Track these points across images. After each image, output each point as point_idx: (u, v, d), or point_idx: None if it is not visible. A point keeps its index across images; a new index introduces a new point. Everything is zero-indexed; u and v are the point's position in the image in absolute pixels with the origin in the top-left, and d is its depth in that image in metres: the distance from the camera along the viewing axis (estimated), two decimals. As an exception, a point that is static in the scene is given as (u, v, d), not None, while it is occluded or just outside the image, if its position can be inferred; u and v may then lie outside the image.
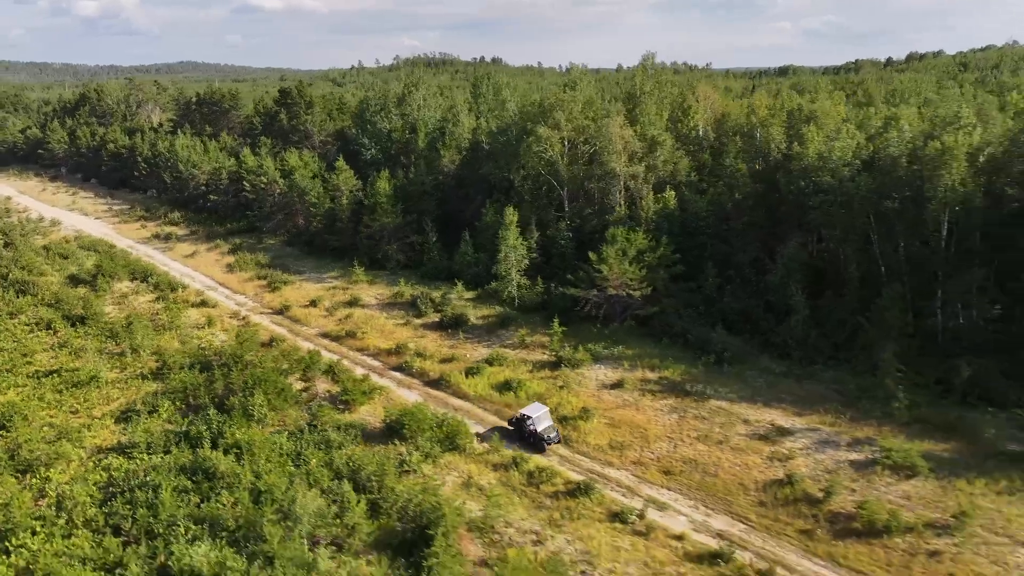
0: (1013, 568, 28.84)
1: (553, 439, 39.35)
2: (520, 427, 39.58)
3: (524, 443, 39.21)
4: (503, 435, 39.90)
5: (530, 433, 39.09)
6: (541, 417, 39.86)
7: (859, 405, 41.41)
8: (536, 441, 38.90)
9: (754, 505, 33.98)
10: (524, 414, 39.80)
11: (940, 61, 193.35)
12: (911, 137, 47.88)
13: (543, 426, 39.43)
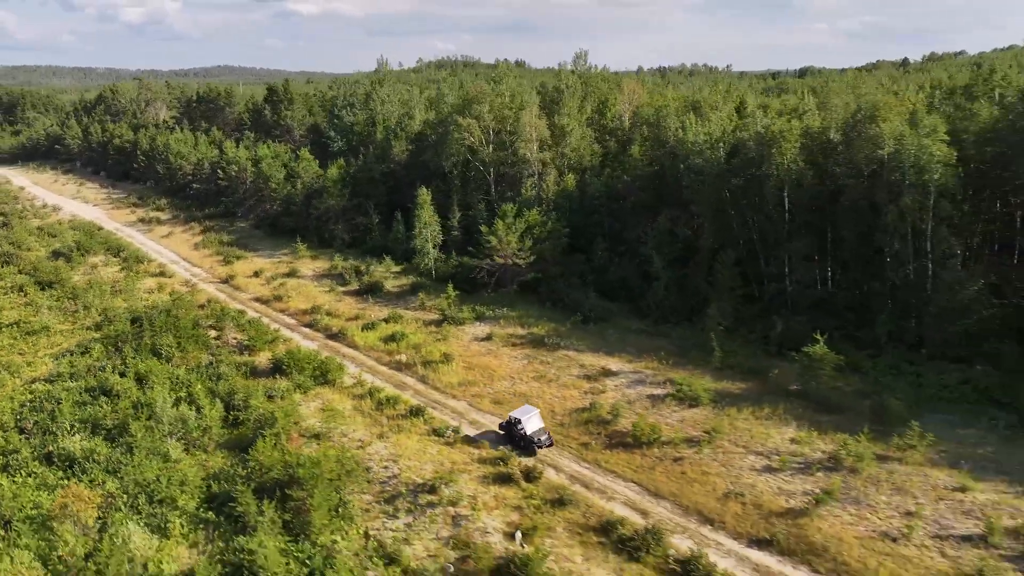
0: (735, 468, 34.89)
1: (544, 442, 37.94)
2: (511, 430, 38.46)
3: (515, 446, 37.87)
4: (496, 439, 39.19)
5: (520, 436, 37.84)
6: (531, 419, 38.48)
7: (688, 355, 47.43)
8: (527, 444, 37.63)
9: (555, 426, 40.39)
10: (514, 417, 38.43)
11: (957, 61, 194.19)
12: (761, 124, 53.71)
13: (533, 428, 38.14)
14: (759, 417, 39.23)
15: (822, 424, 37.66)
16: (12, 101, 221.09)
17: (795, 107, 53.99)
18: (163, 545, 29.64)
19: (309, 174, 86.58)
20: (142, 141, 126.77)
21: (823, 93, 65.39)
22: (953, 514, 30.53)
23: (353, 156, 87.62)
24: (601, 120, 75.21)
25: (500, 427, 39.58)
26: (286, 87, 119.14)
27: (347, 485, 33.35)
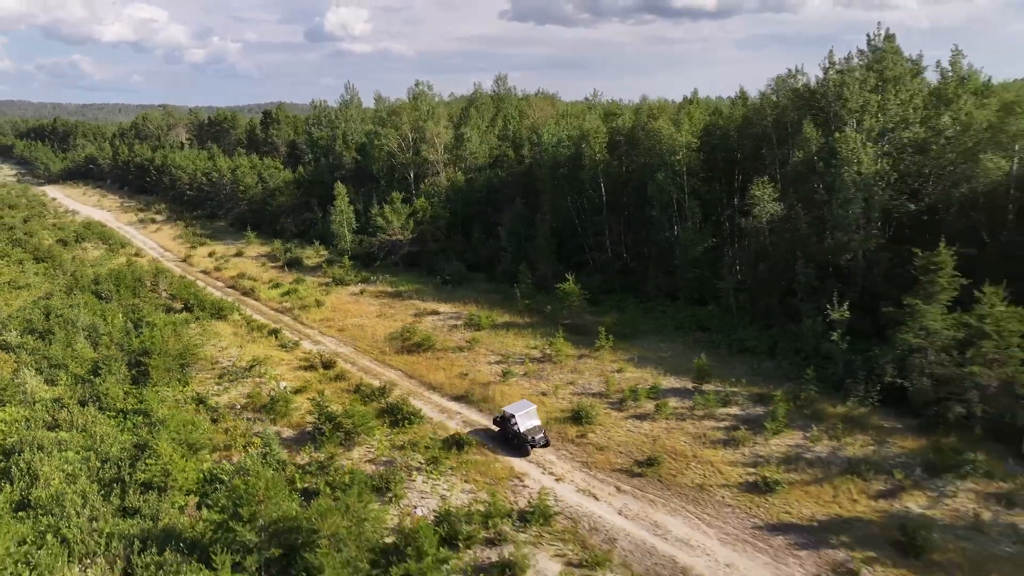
0: (475, 362, 47.52)
1: (539, 441, 35.38)
2: (504, 427, 36.22)
3: (508, 445, 35.60)
4: (490, 437, 37.16)
5: (513, 434, 35.46)
6: (526, 416, 36.02)
7: (505, 304, 60.19)
8: (520, 443, 35.10)
9: (374, 344, 53.53)
10: (508, 412, 36.10)
11: None
12: (579, 126, 66.94)
13: (528, 426, 35.62)
14: (516, 335, 51.80)
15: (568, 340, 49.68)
16: (67, 131, 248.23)
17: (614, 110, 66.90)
18: (51, 389, 43.76)
19: (275, 180, 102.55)
20: (156, 159, 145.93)
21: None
22: (596, 382, 42.67)
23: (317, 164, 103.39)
24: (506, 131, 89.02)
25: (494, 422, 37.26)
26: (277, 112, 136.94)
27: (189, 363, 47.10)
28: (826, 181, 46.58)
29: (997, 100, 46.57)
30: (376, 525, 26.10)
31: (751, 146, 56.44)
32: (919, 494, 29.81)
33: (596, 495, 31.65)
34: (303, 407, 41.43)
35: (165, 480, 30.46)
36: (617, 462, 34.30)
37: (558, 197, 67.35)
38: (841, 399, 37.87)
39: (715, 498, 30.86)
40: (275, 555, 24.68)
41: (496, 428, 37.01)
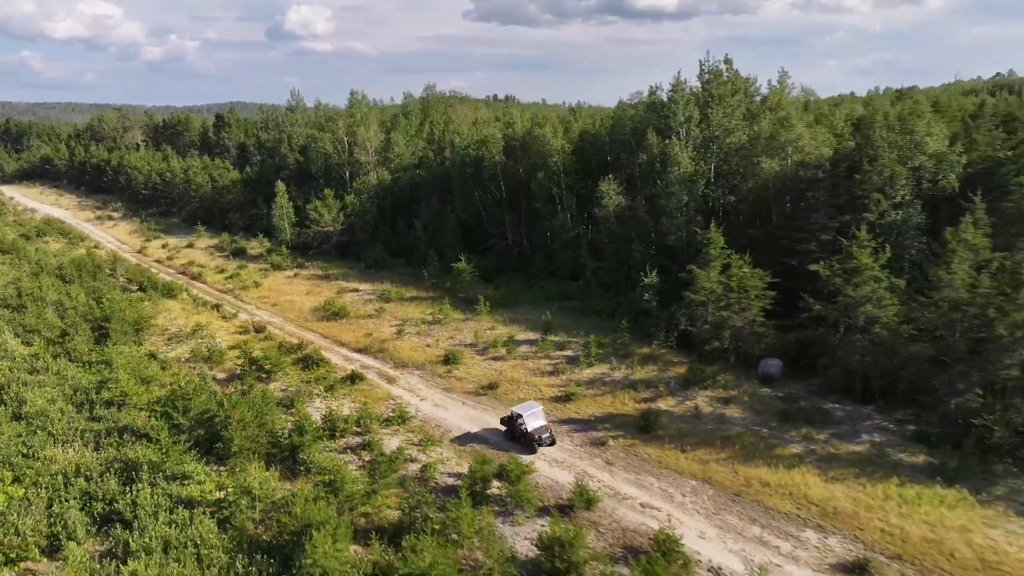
0: (379, 326, 59.04)
1: (545, 440, 37.15)
2: (511, 427, 38.06)
3: (516, 444, 37.39)
4: (497, 436, 39.08)
5: (521, 433, 37.27)
6: (533, 416, 37.84)
7: (416, 283, 71.74)
8: (527, 442, 36.91)
9: (300, 315, 64.68)
10: (516, 412, 37.99)
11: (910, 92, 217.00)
12: (481, 133, 78.92)
13: (535, 425, 37.38)
14: (418, 305, 63.56)
15: (457, 309, 61.34)
16: (20, 131, 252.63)
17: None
18: (27, 348, 54.12)
19: (224, 179, 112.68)
20: (113, 160, 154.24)
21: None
22: (470, 337, 54.62)
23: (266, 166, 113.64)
24: (432, 135, 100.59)
25: (502, 422, 39.09)
26: (229, 115, 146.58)
27: (143, 328, 57.84)
28: (661, 178, 59.21)
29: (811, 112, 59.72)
30: (273, 417, 37.57)
31: (615, 149, 69.03)
32: (671, 399, 42.33)
33: (447, 407, 43.54)
34: (235, 358, 52.54)
35: (124, 399, 41.49)
36: (468, 388, 46.26)
37: (466, 193, 79.25)
38: (648, 343, 50.33)
39: (582, 428, 42.94)
40: (202, 435, 36.04)
41: (503, 428, 38.72)
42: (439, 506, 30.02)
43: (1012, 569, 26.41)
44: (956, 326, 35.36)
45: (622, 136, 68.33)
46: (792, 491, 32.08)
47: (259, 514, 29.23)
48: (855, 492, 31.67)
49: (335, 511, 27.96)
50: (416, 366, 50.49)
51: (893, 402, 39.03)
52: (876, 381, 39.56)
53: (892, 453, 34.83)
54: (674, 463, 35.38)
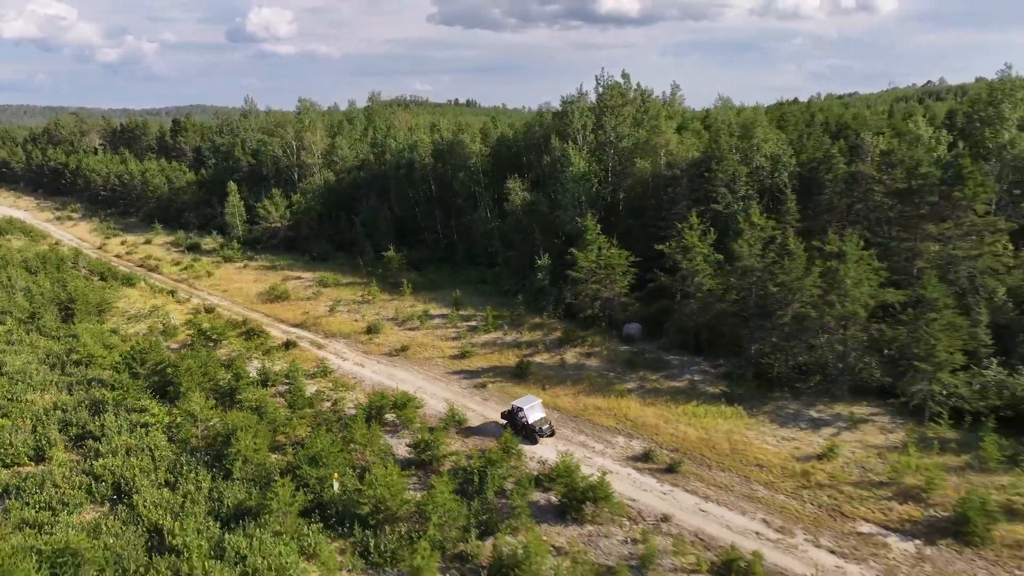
0: (315, 305, 68.08)
1: (546, 431, 39.29)
2: (512, 419, 39.95)
3: (517, 435, 38.84)
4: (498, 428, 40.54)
5: (522, 426, 39.28)
6: (533, 409, 39.95)
7: (355, 272, 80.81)
8: (528, 433, 38.97)
9: (247, 298, 73.36)
10: (516, 406, 40.12)
11: (861, 97, 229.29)
12: (413, 137, 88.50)
13: (535, 418, 39.57)
14: (352, 289, 72.81)
15: (385, 292, 70.58)
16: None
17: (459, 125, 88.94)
18: (1, 327, 61.99)
19: (180, 181, 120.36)
20: (71, 163, 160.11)
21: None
22: (392, 312, 64.10)
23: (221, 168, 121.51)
24: (375, 139, 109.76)
25: (503, 416, 41.10)
26: (186, 121, 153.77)
27: (105, 309, 66.11)
28: (559, 177, 69.38)
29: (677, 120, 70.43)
30: (216, 369, 46.59)
31: (528, 152, 79.15)
32: (546, 354, 52.34)
33: (364, 365, 52.96)
34: (187, 332, 61.22)
35: (90, 359, 50.04)
36: (384, 350, 55.74)
37: (400, 192, 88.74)
38: (540, 315, 60.30)
39: (433, 363, 52.65)
40: (156, 382, 44.94)
41: (503, 421, 40.79)
42: (342, 425, 39.48)
43: (751, 452, 36.82)
44: (752, 289, 45.96)
45: (533, 140, 78.53)
46: (616, 413, 42.24)
47: (200, 431, 38.31)
48: (662, 412, 41.95)
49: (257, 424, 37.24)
50: (343, 336, 59.80)
51: (716, 351, 49.53)
52: (703, 336, 50.07)
53: (701, 387, 45.27)
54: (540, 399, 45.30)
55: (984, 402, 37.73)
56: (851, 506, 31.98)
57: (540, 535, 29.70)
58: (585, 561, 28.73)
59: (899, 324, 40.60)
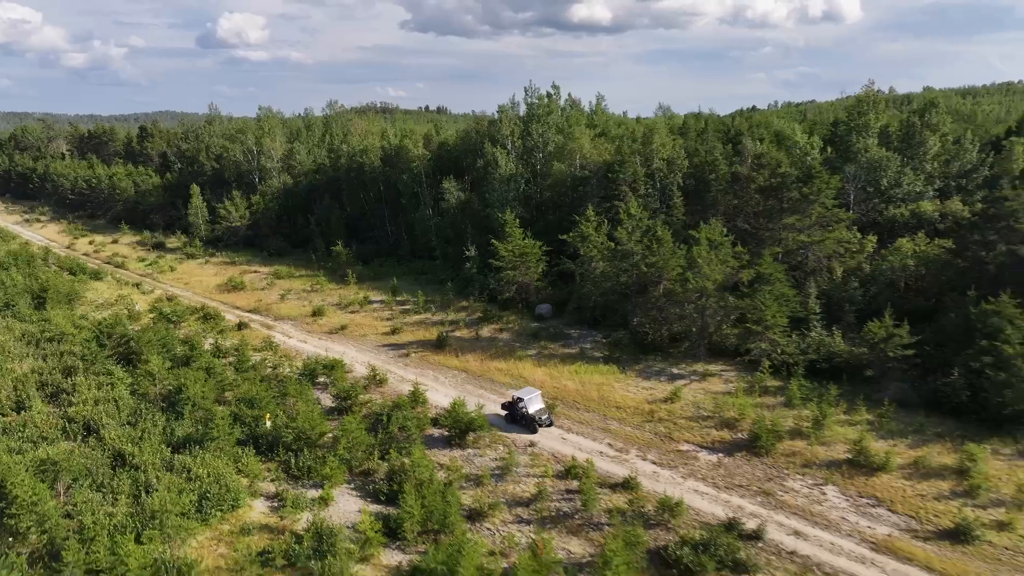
0: (268, 294, 75.61)
1: (545, 421, 41.14)
2: (513, 410, 41.85)
3: (517, 424, 41.21)
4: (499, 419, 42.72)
5: (522, 415, 41.12)
6: (533, 400, 41.73)
7: (307, 266, 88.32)
8: (528, 423, 40.87)
9: (207, 290, 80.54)
10: (517, 397, 41.84)
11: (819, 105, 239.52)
12: (366, 142, 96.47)
13: (535, 408, 41.39)
14: (302, 280, 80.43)
15: (333, 282, 78.29)
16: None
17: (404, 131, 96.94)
18: (-22, 313, 68.54)
19: (146, 184, 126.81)
20: (38, 168, 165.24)
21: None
22: (337, 299, 71.85)
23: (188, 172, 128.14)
24: (332, 144, 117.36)
25: (503, 407, 43.04)
26: (152, 127, 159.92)
27: (74, 298, 73.00)
28: (489, 178, 77.78)
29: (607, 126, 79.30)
30: (174, 340, 54.05)
31: (466, 155, 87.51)
32: (466, 330, 60.55)
33: (306, 341, 60.70)
34: (150, 317, 68.43)
35: (63, 337, 57.14)
36: (326, 330, 63.53)
37: (352, 193, 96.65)
38: (467, 298, 68.51)
39: (367, 339, 60.55)
40: (121, 352, 52.31)
41: (504, 411, 42.82)
42: (279, 382, 47.27)
43: (613, 398, 45.31)
44: (631, 270, 54.63)
45: (470, 145, 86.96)
46: (513, 372, 50.55)
47: (158, 388, 45.81)
48: (550, 371, 50.35)
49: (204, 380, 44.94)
50: (291, 319, 67.49)
51: (608, 324, 58.08)
52: (598, 312, 58.67)
53: (589, 352, 53.77)
54: (448, 363, 53.55)
55: (805, 356, 46.66)
56: (679, 433, 40.56)
57: (427, 455, 37.75)
58: (459, 470, 36.89)
59: (743, 296, 49.47)
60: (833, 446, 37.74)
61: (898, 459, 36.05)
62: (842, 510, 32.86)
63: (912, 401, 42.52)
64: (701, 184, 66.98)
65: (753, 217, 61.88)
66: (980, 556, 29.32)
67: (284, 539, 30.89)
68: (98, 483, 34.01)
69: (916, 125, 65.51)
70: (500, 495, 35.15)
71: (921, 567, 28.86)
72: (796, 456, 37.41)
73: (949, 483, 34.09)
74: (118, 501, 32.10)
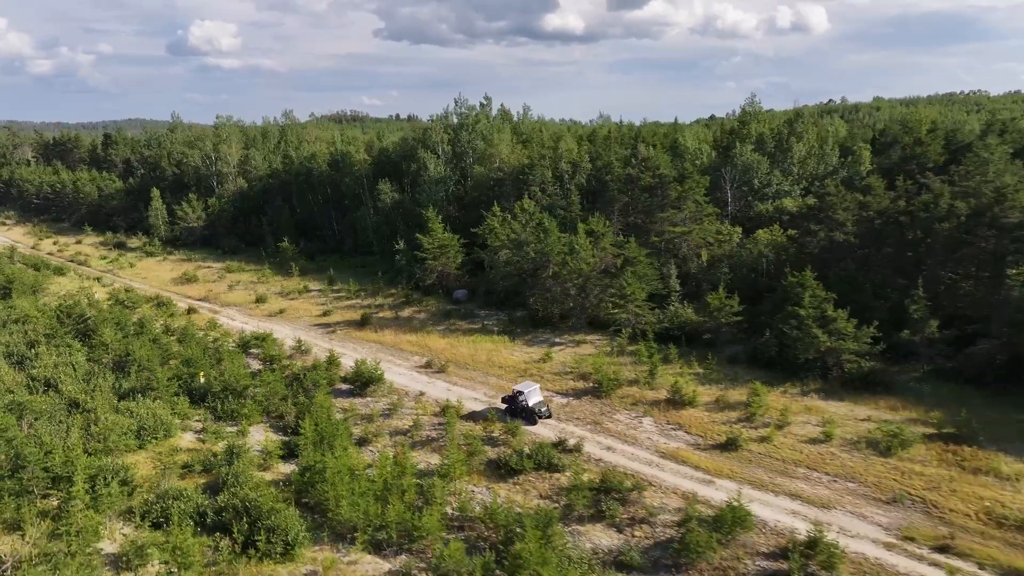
0: (219, 287, 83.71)
1: (544, 413, 43.24)
2: (513, 402, 43.52)
3: (516, 416, 43.03)
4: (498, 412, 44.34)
5: (522, 408, 42.96)
6: (532, 393, 43.67)
7: (260, 262, 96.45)
8: (528, 415, 42.78)
9: (162, 282, 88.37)
10: (517, 390, 43.89)
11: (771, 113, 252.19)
12: (314, 148, 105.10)
13: (534, 401, 43.40)
14: (251, 273, 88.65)
15: (278, 275, 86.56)
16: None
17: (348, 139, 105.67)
18: (-51, 303, 75.83)
19: (110, 188, 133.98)
20: (3, 173, 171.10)
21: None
22: (281, 289, 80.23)
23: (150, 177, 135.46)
24: (287, 151, 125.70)
25: (503, 400, 44.73)
26: (116, 135, 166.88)
27: (38, 290, 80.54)
28: (419, 180, 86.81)
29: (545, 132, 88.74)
30: (127, 320, 62.13)
31: (404, 160, 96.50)
32: (389, 312, 69.38)
33: (247, 323, 69.07)
34: (108, 304, 76.17)
35: (27, 319, 64.87)
36: (266, 314, 71.94)
37: (302, 195, 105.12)
38: (396, 287, 77.29)
39: (302, 320, 69.06)
40: (79, 329, 60.30)
41: (504, 404, 44.38)
42: (216, 351, 55.69)
43: (498, 360, 54.41)
44: (527, 257, 63.88)
45: (406, 151, 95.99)
46: (420, 344, 59.47)
47: (110, 355, 53.91)
48: (452, 342, 59.34)
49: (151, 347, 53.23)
50: (236, 305, 75.80)
51: (512, 305, 67.21)
52: (503, 294, 67.81)
53: (489, 327, 62.84)
54: (367, 337, 62.31)
55: (660, 325, 56.13)
56: (543, 384, 49.66)
57: (332, 401, 46.42)
58: (354, 410, 45.70)
59: (614, 276, 58.91)
60: (660, 391, 47.06)
61: (705, 397, 45.52)
62: (649, 432, 42.17)
63: (740, 358, 52.13)
64: (600, 184, 76.55)
65: (642, 212, 71.54)
66: (739, 460, 38.69)
67: (204, 455, 39.41)
68: (56, 420, 42.20)
69: (784, 134, 75.73)
70: (385, 428, 43.99)
71: (692, 467, 38.16)
72: (629, 398, 46.70)
73: (737, 413, 43.56)
74: (71, 431, 40.36)
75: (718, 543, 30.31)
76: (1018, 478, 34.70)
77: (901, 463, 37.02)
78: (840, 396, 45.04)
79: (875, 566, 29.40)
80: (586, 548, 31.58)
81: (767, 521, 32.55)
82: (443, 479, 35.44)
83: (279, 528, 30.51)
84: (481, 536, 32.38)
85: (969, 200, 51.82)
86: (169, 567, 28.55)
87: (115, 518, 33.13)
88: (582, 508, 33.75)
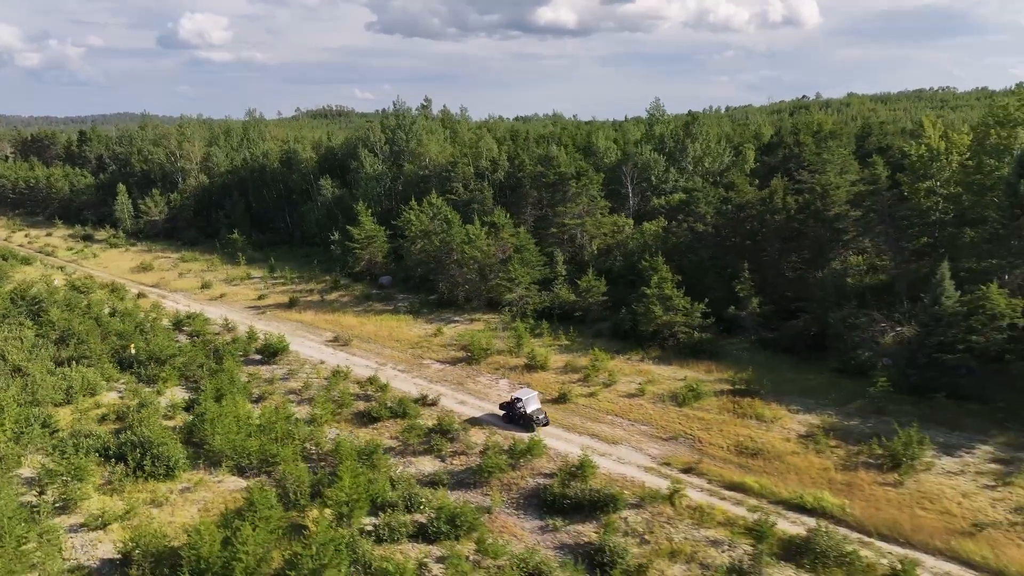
0: (174, 274, 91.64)
1: (541, 420, 43.41)
2: (511, 410, 43.96)
3: (515, 423, 43.37)
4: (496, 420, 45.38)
5: (520, 415, 43.19)
6: (530, 400, 43.85)
7: (224, 256, 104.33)
8: (526, 422, 42.95)
9: (123, 271, 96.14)
10: (515, 397, 44.08)
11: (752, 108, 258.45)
12: (267, 146, 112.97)
13: (532, 408, 43.55)
14: (205, 263, 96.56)
15: (227, 264, 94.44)
16: None
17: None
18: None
19: (81, 183, 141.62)
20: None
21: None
22: (230, 277, 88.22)
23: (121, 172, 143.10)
24: (251, 148, 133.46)
25: (501, 407, 45.39)
26: (91, 133, 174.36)
27: (3, 278, 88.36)
28: (357, 177, 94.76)
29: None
30: (77, 303, 70.06)
31: (347, 158, 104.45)
32: (317, 296, 77.47)
33: (189, 306, 77.04)
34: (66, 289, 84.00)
35: None
36: (208, 298, 79.97)
37: (257, 190, 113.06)
38: (330, 274, 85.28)
39: (238, 303, 77.05)
40: (32, 311, 68.23)
41: (502, 411, 45.11)
42: (150, 328, 63.71)
43: (397, 335, 62.59)
44: (434, 245, 71.98)
45: (350, 149, 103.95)
46: (334, 321, 67.63)
47: (56, 332, 61.81)
48: (362, 320, 67.51)
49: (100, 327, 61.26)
50: (183, 291, 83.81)
51: (426, 289, 75.30)
52: (419, 280, 75.95)
53: (401, 309, 71.02)
54: (292, 317, 70.39)
55: (543, 304, 64.29)
56: (428, 354, 57.81)
57: (241, 367, 54.44)
58: (258, 375, 53.86)
59: (505, 262, 67.05)
60: (522, 358, 55.24)
61: (559, 363, 53.77)
62: (501, 390, 50.39)
63: (604, 332, 60.34)
64: (516, 180, 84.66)
65: (548, 206, 79.66)
66: (565, 409, 46.91)
67: (120, 408, 47.50)
68: (-1, 382, 50.23)
69: (681, 136, 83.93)
70: (281, 389, 52.18)
71: (524, 416, 46.36)
72: (495, 364, 54.94)
73: (580, 375, 51.78)
74: (10, 388, 48.37)
75: (509, 466, 38.54)
76: (774, 421, 43.01)
77: (692, 411, 45.29)
78: (670, 361, 53.27)
79: (628, 480, 37.66)
80: (409, 472, 39.81)
81: (561, 452, 40.77)
82: (310, 424, 43.62)
83: (164, 456, 38.65)
84: (331, 465, 40.57)
85: (801, 196, 60.09)
86: (67, 481, 36.67)
87: (36, 452, 41.21)
88: (416, 443, 41.99)
